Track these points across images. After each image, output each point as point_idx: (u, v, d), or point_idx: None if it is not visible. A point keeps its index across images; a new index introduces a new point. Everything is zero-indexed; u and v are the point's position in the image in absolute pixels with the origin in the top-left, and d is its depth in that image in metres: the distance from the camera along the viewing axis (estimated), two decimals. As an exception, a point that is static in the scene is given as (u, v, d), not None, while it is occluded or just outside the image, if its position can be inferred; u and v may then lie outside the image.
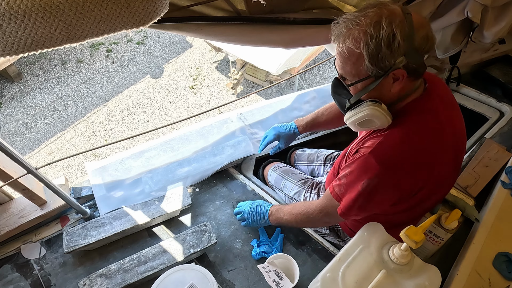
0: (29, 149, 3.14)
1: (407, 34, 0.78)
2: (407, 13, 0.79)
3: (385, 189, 0.92)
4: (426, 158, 0.89)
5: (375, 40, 0.78)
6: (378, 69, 0.82)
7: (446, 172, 0.97)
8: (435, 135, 0.89)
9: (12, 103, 3.59)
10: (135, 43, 4.42)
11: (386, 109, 0.88)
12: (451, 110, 0.98)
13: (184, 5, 0.95)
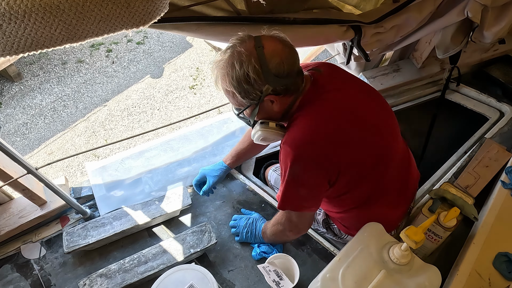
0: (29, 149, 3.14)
1: (259, 68, 0.87)
2: (258, 46, 0.88)
3: (307, 169, 0.96)
4: (330, 133, 0.95)
5: (236, 79, 0.90)
6: (250, 100, 0.94)
7: (367, 140, 0.99)
8: (332, 113, 0.97)
9: (12, 103, 3.59)
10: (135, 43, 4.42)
11: (274, 126, 1.00)
12: (350, 89, 1.04)
13: (184, 5, 0.95)
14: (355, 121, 0.98)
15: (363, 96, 1.05)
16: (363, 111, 1.01)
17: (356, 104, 1.01)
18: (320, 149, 0.94)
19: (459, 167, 1.42)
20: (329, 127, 0.95)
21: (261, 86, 0.90)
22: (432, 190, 1.22)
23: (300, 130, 0.97)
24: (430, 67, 1.83)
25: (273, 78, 0.89)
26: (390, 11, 1.20)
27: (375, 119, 1.03)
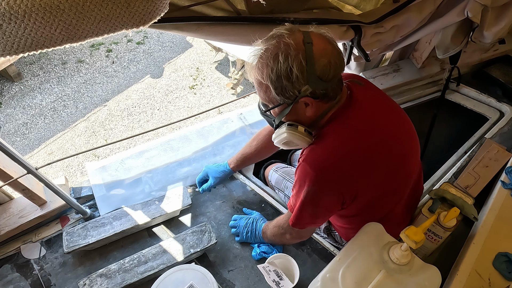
0: (29, 149, 3.14)
1: (305, 66, 0.81)
2: (307, 42, 0.81)
3: (325, 192, 0.93)
4: (357, 158, 0.91)
5: (275, 73, 0.82)
6: (285, 98, 0.87)
7: (391, 167, 0.96)
8: (362, 136, 0.91)
9: (12, 103, 3.59)
10: (135, 43, 4.42)
11: (303, 131, 0.93)
12: (384, 110, 1.00)
13: (184, 5, 0.95)
14: (385, 148, 0.93)
15: (395, 119, 1.00)
16: (394, 138, 0.96)
17: (388, 130, 0.96)
18: (343, 175, 0.90)
19: (459, 167, 1.42)
20: (358, 152, 0.90)
21: (301, 86, 0.83)
22: (432, 190, 1.22)
23: (325, 150, 0.91)
24: (430, 67, 1.83)
25: (315, 79, 0.82)
26: (390, 11, 1.20)
27: (404, 147, 0.99)
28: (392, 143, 0.95)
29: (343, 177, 0.91)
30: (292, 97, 0.86)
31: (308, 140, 0.94)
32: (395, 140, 0.96)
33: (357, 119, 0.92)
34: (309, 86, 0.83)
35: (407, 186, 1.06)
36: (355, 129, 0.91)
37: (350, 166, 0.90)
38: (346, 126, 0.92)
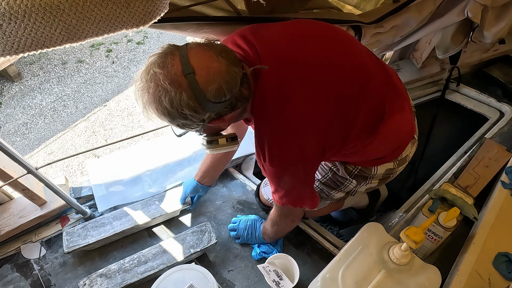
0: (29, 149, 3.14)
1: (195, 102, 0.72)
2: (188, 73, 0.70)
3: (293, 171, 0.89)
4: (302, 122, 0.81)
5: (168, 115, 0.75)
6: (192, 129, 0.82)
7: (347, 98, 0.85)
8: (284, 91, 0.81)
9: (12, 103, 3.59)
10: (135, 43, 4.42)
11: (224, 142, 0.89)
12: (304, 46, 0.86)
13: (184, 5, 0.95)
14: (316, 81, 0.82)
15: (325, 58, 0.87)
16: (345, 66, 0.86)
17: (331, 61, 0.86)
18: (297, 149, 0.84)
19: (459, 167, 1.42)
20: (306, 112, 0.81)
21: (202, 116, 0.77)
22: (432, 190, 1.22)
23: (270, 142, 0.84)
24: (430, 67, 1.83)
25: (213, 106, 0.75)
26: (390, 11, 1.20)
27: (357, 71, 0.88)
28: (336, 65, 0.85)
29: (299, 150, 0.84)
30: (200, 126, 0.81)
31: (233, 145, 0.92)
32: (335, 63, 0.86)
33: (276, 83, 0.81)
34: (210, 113, 0.76)
35: (367, 85, 0.90)
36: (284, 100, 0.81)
37: (297, 135, 0.83)
38: (271, 106, 0.82)
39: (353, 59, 0.90)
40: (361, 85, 0.88)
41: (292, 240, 1.35)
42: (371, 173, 1.09)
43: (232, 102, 0.78)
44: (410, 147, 1.10)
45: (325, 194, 1.19)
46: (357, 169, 1.08)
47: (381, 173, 1.10)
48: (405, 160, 1.12)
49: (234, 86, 0.75)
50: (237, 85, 0.76)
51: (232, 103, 0.78)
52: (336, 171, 1.12)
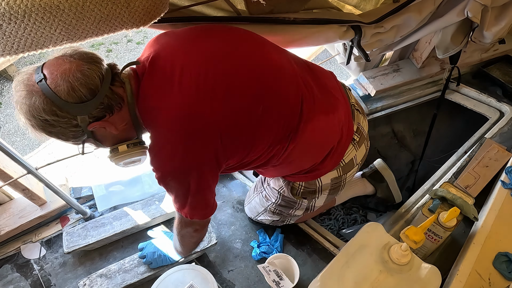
0: (29, 149, 3.14)
1: (51, 106, 0.70)
2: (39, 81, 0.70)
3: (179, 179, 0.83)
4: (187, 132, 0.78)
5: (41, 128, 0.74)
6: (73, 138, 0.79)
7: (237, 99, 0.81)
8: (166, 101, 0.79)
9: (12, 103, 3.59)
10: (135, 43, 4.42)
11: (125, 148, 0.84)
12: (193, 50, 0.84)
13: (184, 5, 0.95)
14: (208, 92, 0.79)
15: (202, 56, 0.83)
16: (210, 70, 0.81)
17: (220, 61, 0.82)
18: (179, 157, 0.79)
19: (459, 167, 1.42)
20: (191, 119, 0.78)
21: (72, 120, 0.73)
22: (432, 190, 1.22)
23: (156, 148, 0.81)
24: (430, 67, 1.83)
25: (76, 107, 0.72)
26: (390, 11, 1.20)
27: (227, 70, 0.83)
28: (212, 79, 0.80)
29: (183, 161, 0.80)
30: (80, 131, 0.77)
31: (138, 151, 0.86)
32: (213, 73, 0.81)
33: (161, 96, 0.80)
34: (80, 115, 0.73)
35: (269, 88, 0.86)
36: (165, 108, 0.79)
37: (182, 143, 0.79)
38: (156, 112, 0.80)
39: (256, 61, 0.86)
40: (264, 91, 0.84)
41: (292, 240, 1.35)
42: (316, 187, 1.06)
43: (104, 101, 0.75)
44: (354, 150, 1.07)
45: (287, 214, 1.19)
46: (301, 187, 1.07)
47: (328, 183, 1.07)
48: (352, 165, 1.08)
49: (91, 82, 0.72)
50: (95, 81, 0.73)
51: (104, 103, 0.75)
52: (283, 193, 1.10)
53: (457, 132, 2.03)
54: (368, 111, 1.76)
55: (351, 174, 1.13)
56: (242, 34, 0.92)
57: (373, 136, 2.00)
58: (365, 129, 1.13)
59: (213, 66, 0.81)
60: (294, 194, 1.09)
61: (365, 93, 1.77)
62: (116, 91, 0.78)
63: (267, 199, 1.21)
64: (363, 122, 1.12)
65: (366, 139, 1.13)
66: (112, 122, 0.80)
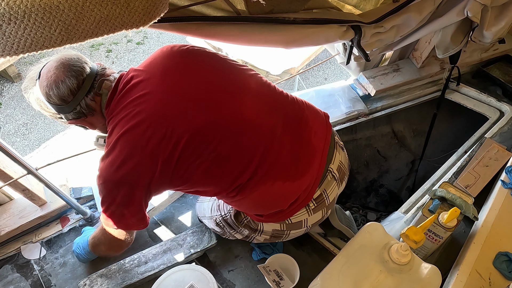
0: (29, 149, 3.14)
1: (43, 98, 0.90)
2: (36, 78, 0.91)
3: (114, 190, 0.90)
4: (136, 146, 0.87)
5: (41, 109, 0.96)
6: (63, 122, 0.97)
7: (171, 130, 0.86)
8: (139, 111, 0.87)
9: (12, 103, 3.59)
10: (135, 43, 4.42)
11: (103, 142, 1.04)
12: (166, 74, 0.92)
13: (184, 5, 0.95)
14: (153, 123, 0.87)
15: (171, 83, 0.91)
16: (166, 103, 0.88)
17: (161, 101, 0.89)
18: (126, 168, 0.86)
19: (459, 167, 1.42)
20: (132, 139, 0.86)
21: (56, 114, 0.95)
22: (431, 190, 1.22)
23: (106, 151, 0.90)
24: (430, 67, 1.83)
25: (55, 107, 0.91)
26: (390, 11, 1.20)
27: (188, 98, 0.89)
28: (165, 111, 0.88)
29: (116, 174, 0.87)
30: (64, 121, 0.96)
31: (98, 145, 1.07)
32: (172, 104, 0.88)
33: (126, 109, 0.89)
34: (61, 113, 0.93)
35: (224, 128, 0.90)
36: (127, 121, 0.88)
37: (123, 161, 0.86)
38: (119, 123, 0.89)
39: (224, 112, 0.91)
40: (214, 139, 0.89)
41: (292, 240, 1.35)
42: (257, 228, 1.08)
43: (76, 108, 0.92)
44: (306, 214, 1.03)
45: (227, 231, 1.17)
46: (246, 219, 1.09)
47: (268, 231, 1.07)
48: (299, 226, 1.06)
49: (62, 94, 0.89)
50: (65, 94, 0.89)
51: (76, 109, 0.92)
52: (232, 215, 1.11)
53: (457, 132, 2.03)
54: (368, 111, 1.76)
55: (297, 233, 1.11)
56: (226, 80, 0.95)
57: (373, 136, 2.00)
58: (331, 197, 1.07)
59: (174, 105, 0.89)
60: (238, 221, 1.11)
61: (365, 93, 1.77)
62: (88, 103, 0.93)
63: (218, 209, 1.17)
64: (333, 189, 1.07)
65: (327, 207, 1.07)
66: (89, 121, 0.98)
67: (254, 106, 0.95)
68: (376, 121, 1.89)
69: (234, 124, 0.91)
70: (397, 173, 2.21)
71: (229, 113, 0.91)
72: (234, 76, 0.97)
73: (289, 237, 1.12)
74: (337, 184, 1.08)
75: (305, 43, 1.17)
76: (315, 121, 1.04)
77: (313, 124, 1.02)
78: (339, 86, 1.83)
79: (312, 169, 1.00)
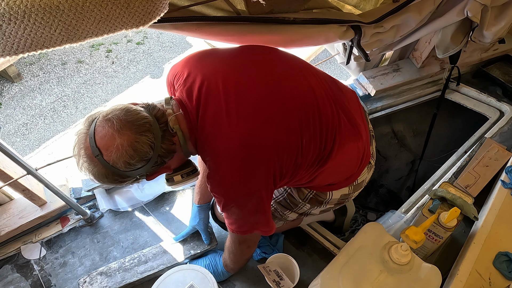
0: (29, 149, 3.14)
1: (113, 175, 0.80)
2: (96, 155, 0.77)
3: (243, 204, 0.89)
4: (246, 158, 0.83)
5: (107, 180, 0.82)
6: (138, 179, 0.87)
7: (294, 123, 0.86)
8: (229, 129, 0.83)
9: (12, 103, 3.58)
10: (135, 43, 4.42)
11: (180, 178, 0.93)
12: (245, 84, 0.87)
13: (184, 5, 0.95)
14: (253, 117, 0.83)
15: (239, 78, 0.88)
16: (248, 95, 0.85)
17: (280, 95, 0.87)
18: (243, 183, 0.84)
19: (459, 167, 1.42)
20: (240, 153, 0.82)
21: (130, 179, 0.84)
22: (432, 190, 1.22)
23: (217, 177, 0.86)
24: (430, 67, 1.83)
25: (133, 172, 0.81)
26: (390, 11, 1.20)
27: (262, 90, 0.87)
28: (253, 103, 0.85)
29: (245, 185, 0.85)
30: (143, 178, 0.87)
31: (192, 179, 0.95)
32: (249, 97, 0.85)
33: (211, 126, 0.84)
34: (139, 175, 0.83)
35: (312, 113, 0.89)
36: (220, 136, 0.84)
37: (241, 171, 0.84)
38: (211, 140, 0.85)
39: (299, 87, 0.90)
40: (309, 115, 0.88)
41: (292, 240, 1.35)
42: (326, 198, 1.08)
43: (158, 160, 0.82)
44: (367, 173, 1.10)
45: (279, 214, 1.16)
46: (312, 193, 1.08)
47: (336, 198, 1.08)
48: (361, 186, 1.12)
49: (144, 155, 0.79)
50: (147, 152, 0.79)
51: (157, 161, 0.82)
52: (291, 193, 1.11)
53: (457, 132, 2.03)
54: (368, 111, 1.76)
55: (354, 196, 1.15)
56: (283, 62, 0.95)
57: (373, 136, 2.00)
58: (375, 155, 1.17)
59: (264, 94, 0.85)
60: (302, 198, 1.09)
61: (365, 93, 1.77)
62: (167, 148, 0.83)
63: None
64: (374, 147, 1.16)
65: (374, 165, 1.17)
66: (168, 166, 0.88)
67: (317, 83, 0.95)
68: (376, 121, 1.89)
69: (314, 98, 0.91)
70: (397, 173, 2.21)
71: (307, 93, 0.91)
72: (288, 61, 0.97)
73: (349, 200, 1.15)
74: (374, 142, 1.16)
75: (305, 43, 1.17)
76: (346, 90, 1.07)
77: (345, 92, 1.05)
78: (339, 86, 1.84)
79: (362, 128, 1.03)
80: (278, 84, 0.88)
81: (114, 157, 0.77)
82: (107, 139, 0.77)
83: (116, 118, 0.78)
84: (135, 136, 0.77)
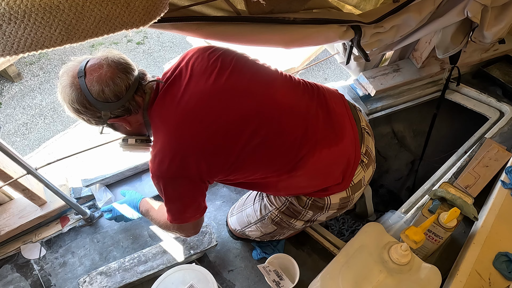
0: (29, 149, 3.14)
1: (83, 99, 0.88)
2: (80, 76, 0.87)
3: (172, 185, 0.94)
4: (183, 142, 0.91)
5: (72, 108, 0.91)
6: (97, 123, 0.95)
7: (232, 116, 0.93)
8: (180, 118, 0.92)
9: (12, 103, 3.58)
10: (135, 43, 4.42)
11: (134, 142, 1.01)
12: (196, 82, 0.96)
13: (184, 5, 0.95)
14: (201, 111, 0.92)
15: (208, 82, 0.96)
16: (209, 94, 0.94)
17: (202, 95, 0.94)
18: (175, 163, 0.91)
19: (459, 167, 1.42)
20: (179, 136, 0.91)
21: (97, 113, 0.91)
22: (432, 190, 1.22)
23: (154, 152, 0.93)
24: (430, 67, 1.83)
25: (103, 105, 0.88)
26: (390, 11, 1.20)
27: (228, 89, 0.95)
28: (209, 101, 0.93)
29: (177, 165, 0.91)
30: (102, 121, 0.94)
31: (145, 147, 1.02)
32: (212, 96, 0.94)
33: (172, 106, 0.93)
34: (104, 111, 0.90)
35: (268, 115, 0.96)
36: (171, 117, 0.93)
37: (178, 154, 0.91)
38: (163, 120, 0.93)
39: (262, 101, 0.96)
40: (259, 127, 0.94)
41: (292, 240, 1.35)
42: (325, 203, 1.08)
43: (125, 105, 0.91)
44: (363, 172, 1.10)
45: (286, 224, 1.16)
46: (310, 200, 1.08)
47: (336, 203, 1.08)
48: (360, 185, 1.11)
49: (118, 90, 0.88)
50: (121, 89, 0.89)
51: (124, 106, 0.91)
52: (291, 201, 1.12)
53: (457, 132, 2.02)
54: (368, 111, 1.76)
55: (358, 196, 1.14)
56: (250, 75, 1.01)
57: (373, 136, 2.00)
58: (373, 151, 1.17)
59: (216, 101, 0.93)
60: (302, 205, 1.10)
61: (365, 93, 1.77)
62: (137, 99, 0.93)
63: (271, 204, 1.16)
64: (371, 144, 1.16)
65: (373, 161, 1.16)
66: (128, 120, 0.96)
67: (286, 92, 1.02)
68: (376, 121, 1.89)
69: (276, 110, 0.98)
70: (397, 173, 2.21)
71: (269, 101, 0.98)
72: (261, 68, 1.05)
73: (353, 201, 1.15)
74: (371, 139, 1.17)
75: (305, 43, 1.17)
76: (329, 93, 1.12)
77: (329, 96, 1.10)
78: (339, 86, 1.84)
79: (347, 130, 1.07)
80: (234, 95, 0.95)
81: (94, 81, 0.87)
82: (96, 67, 0.88)
83: (112, 56, 0.90)
84: (118, 72, 0.89)
